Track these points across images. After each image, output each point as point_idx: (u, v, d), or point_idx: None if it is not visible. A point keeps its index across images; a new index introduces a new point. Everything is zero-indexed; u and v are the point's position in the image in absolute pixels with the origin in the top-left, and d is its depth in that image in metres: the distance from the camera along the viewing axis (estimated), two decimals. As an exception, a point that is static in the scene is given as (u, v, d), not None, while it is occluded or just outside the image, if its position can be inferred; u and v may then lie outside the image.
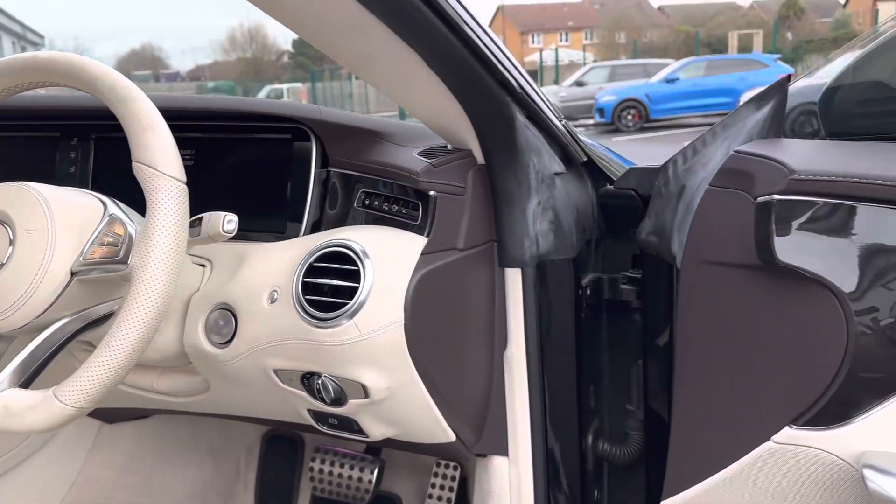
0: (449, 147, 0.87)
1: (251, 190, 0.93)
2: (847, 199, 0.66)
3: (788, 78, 0.84)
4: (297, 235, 0.87)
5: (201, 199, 0.77)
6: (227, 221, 0.72)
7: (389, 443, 0.92)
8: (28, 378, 0.67)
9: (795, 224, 0.68)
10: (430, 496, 1.20)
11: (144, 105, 0.68)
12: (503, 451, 0.91)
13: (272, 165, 0.92)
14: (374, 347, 0.74)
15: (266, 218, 0.90)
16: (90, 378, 0.62)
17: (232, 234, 0.73)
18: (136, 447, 1.26)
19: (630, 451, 1.00)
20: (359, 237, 0.78)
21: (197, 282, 0.86)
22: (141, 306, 0.63)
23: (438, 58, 0.69)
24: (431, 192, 0.81)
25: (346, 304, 0.73)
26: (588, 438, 1.00)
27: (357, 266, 0.75)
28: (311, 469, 1.26)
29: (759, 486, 0.73)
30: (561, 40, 34.83)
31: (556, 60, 18.23)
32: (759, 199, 0.69)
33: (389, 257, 0.77)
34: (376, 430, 0.85)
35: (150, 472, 1.28)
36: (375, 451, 1.25)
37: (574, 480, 0.96)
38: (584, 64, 17.22)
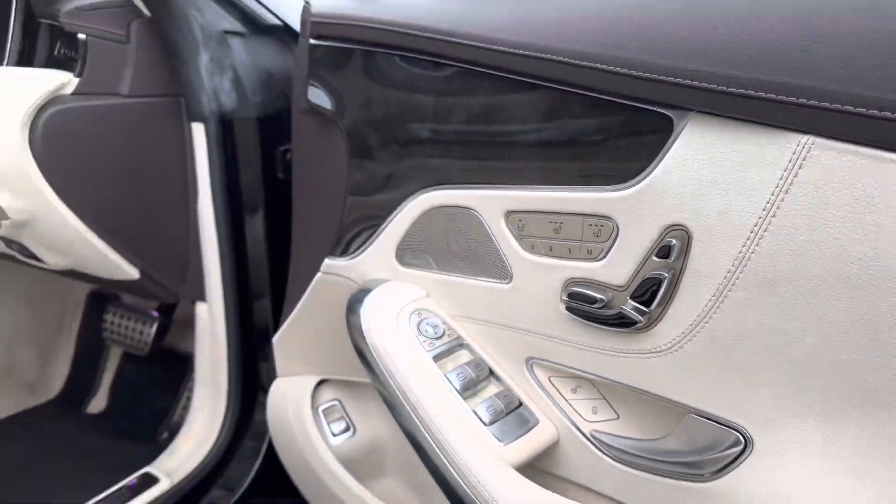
0: None
1: None
2: (363, 45, 0.69)
3: None
4: None
5: None
6: None
7: (78, 275, 1.00)
8: None
9: (324, 66, 0.72)
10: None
11: None
12: (202, 298, 1.00)
13: None
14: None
15: None
16: None
17: None
18: None
19: None
20: None
21: None
22: None
23: None
24: (80, 35, 0.86)
25: None
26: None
27: None
28: (104, 321, 1.36)
29: (319, 307, 0.81)
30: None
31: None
32: (309, 44, 0.73)
33: (12, 89, 0.83)
34: (51, 259, 0.93)
35: None
36: (167, 312, 1.35)
37: (263, 320, 1.03)
38: None
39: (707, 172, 0.46)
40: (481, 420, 0.61)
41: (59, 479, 1.21)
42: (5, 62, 0.94)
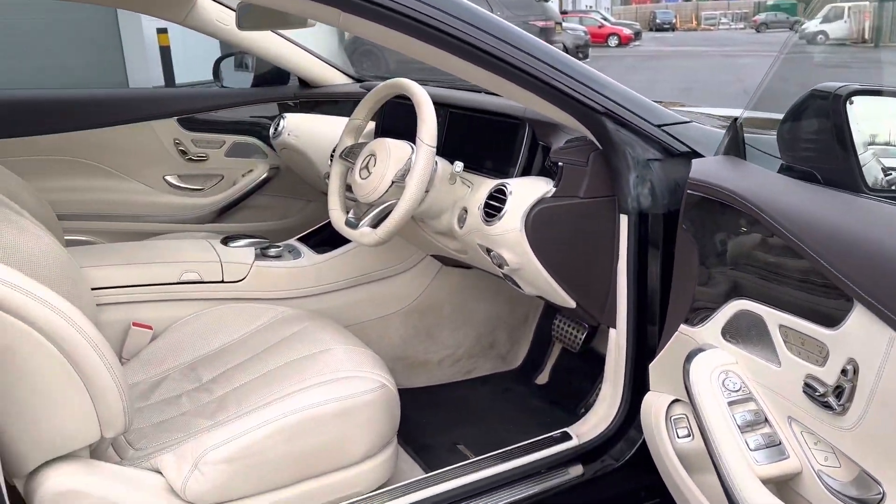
0: (586, 138, 1.43)
1: (496, 150, 1.64)
2: (714, 199, 1.13)
3: (735, 119, 1.24)
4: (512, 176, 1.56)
5: (467, 152, 1.61)
6: (456, 165, 1.49)
7: (545, 301, 1.56)
8: (376, 223, 1.55)
9: (693, 206, 1.18)
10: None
11: (424, 105, 1.47)
12: (614, 325, 1.48)
13: (509, 137, 1.61)
14: (506, 239, 1.42)
15: (502, 165, 1.60)
16: (385, 228, 1.49)
17: (459, 173, 1.49)
18: (459, 283, 2.11)
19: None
20: (513, 181, 1.46)
21: (464, 194, 1.61)
22: (404, 200, 1.46)
23: (550, 97, 1.30)
24: (560, 163, 1.42)
25: (497, 215, 1.43)
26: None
27: (506, 196, 1.43)
28: (554, 323, 1.99)
29: (677, 352, 1.22)
30: None
31: None
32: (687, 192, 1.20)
33: (520, 194, 1.42)
34: (527, 288, 1.53)
35: (466, 299, 2.12)
36: (595, 325, 1.89)
37: (652, 345, 1.44)
38: None
39: (864, 334, 0.79)
40: (748, 446, 0.99)
41: (511, 422, 1.86)
42: (516, 170, 1.56)
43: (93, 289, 1.61)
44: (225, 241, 1.94)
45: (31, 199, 1.76)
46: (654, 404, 1.32)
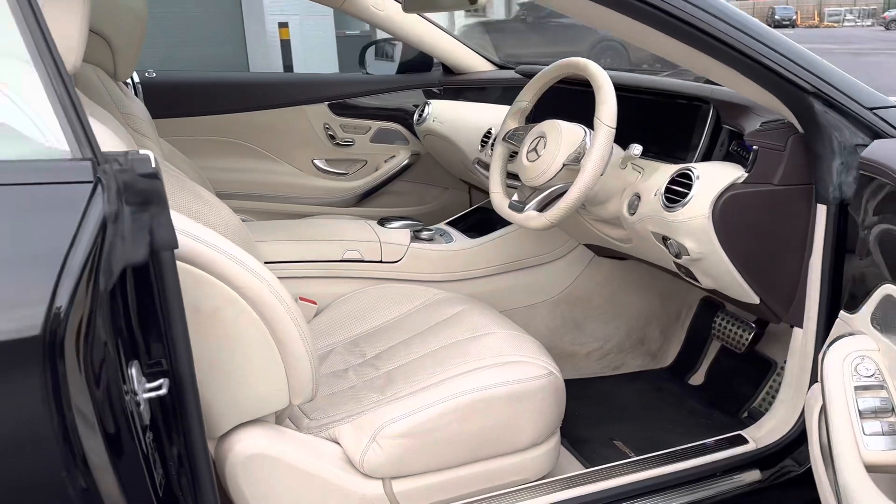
0: (785, 120, 1.33)
1: (671, 133, 1.56)
2: (878, 178, 1.09)
3: None
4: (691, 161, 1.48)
5: (635, 136, 1.53)
6: (633, 148, 1.43)
7: (719, 295, 1.49)
8: (542, 207, 1.51)
9: (862, 187, 1.14)
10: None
11: (604, 86, 1.42)
12: (800, 325, 1.38)
13: (688, 119, 1.53)
14: (690, 226, 1.35)
15: (678, 149, 1.53)
16: (555, 212, 1.45)
17: (637, 157, 1.43)
18: (611, 274, 2.05)
19: None
20: (700, 166, 1.38)
21: (634, 179, 1.55)
22: (580, 183, 1.41)
23: (754, 75, 1.22)
24: (754, 147, 1.33)
25: (680, 201, 1.35)
26: None
27: (692, 181, 1.35)
28: (714, 322, 1.89)
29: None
30: None
31: None
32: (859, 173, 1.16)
33: (709, 179, 1.34)
34: (704, 280, 1.45)
35: (617, 292, 2.06)
36: (763, 325, 1.79)
37: None
38: None
39: None
40: (863, 431, 0.96)
41: (670, 422, 1.78)
42: (696, 154, 1.49)
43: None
44: (381, 222, 1.95)
45: (196, 177, 1.83)
46: (812, 395, 1.23)
